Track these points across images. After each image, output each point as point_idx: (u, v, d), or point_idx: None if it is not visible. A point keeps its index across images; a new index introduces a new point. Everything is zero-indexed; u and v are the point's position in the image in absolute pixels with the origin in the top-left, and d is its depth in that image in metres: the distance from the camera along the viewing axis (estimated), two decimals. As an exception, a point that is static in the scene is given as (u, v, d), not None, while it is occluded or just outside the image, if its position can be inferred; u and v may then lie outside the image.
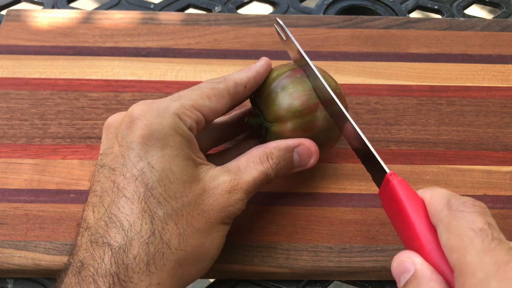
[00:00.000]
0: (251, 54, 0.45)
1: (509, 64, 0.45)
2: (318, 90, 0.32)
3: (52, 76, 0.43)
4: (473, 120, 0.41)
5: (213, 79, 0.32)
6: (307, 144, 0.32)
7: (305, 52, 0.34)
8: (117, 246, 0.25)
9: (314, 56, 0.45)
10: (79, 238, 0.27)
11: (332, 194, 0.36)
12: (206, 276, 0.34)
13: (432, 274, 0.23)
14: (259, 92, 0.34)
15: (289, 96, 0.32)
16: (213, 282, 0.34)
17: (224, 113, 0.32)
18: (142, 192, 0.26)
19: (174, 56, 0.45)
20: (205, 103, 0.30)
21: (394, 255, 0.33)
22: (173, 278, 0.26)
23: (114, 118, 0.30)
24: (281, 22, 0.35)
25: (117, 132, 0.29)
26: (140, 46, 0.46)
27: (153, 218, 0.26)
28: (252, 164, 0.30)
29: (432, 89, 0.43)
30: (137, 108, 0.29)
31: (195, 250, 0.27)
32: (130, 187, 0.26)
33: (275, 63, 0.44)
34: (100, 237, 0.26)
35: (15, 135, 0.39)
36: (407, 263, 0.24)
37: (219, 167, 0.29)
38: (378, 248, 0.34)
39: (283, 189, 0.36)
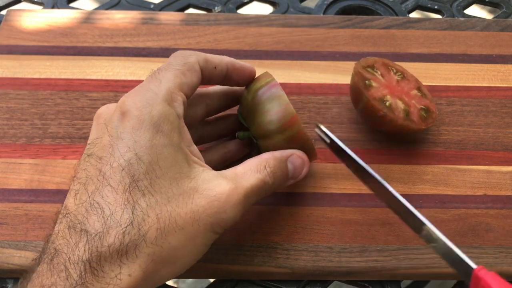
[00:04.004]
0: (251, 54, 0.45)
1: (509, 64, 0.45)
2: (381, 195, 0.32)
3: (52, 76, 0.43)
4: (473, 120, 0.41)
5: (183, 52, 0.32)
6: (299, 154, 0.33)
7: (305, 52, 0.34)
8: (94, 233, 0.25)
9: (314, 56, 0.45)
10: (56, 226, 0.26)
11: (332, 194, 0.36)
12: (206, 276, 0.34)
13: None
14: (242, 108, 0.34)
15: (266, 113, 0.32)
16: (213, 282, 0.34)
17: (198, 86, 0.31)
18: (128, 182, 0.26)
19: (174, 56, 0.45)
20: (182, 81, 0.30)
21: (394, 255, 0.33)
22: (145, 273, 0.25)
23: (105, 109, 0.30)
24: (323, 128, 0.34)
25: (108, 123, 0.28)
26: (140, 46, 0.46)
27: (135, 209, 0.26)
28: (250, 171, 0.30)
29: (432, 89, 0.43)
30: (128, 100, 0.28)
31: (172, 250, 0.26)
32: (116, 176, 0.26)
33: (275, 63, 0.45)
34: (79, 223, 0.25)
35: (15, 135, 0.39)
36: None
37: (214, 171, 0.29)
38: (378, 248, 0.34)
39: (283, 189, 0.36)
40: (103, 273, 0.24)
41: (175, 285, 0.80)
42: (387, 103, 0.36)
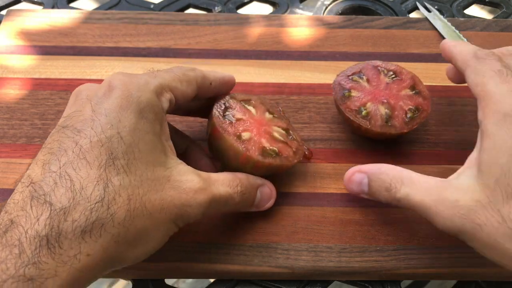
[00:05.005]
0: (251, 54, 0.45)
1: (509, 64, 0.45)
2: None
3: (52, 76, 0.43)
4: (473, 120, 0.41)
5: (184, 66, 0.33)
6: (270, 186, 0.34)
7: (305, 52, 0.34)
8: (59, 208, 0.24)
9: (314, 56, 0.45)
10: (16, 195, 0.25)
11: (331, 194, 0.36)
12: (206, 276, 0.34)
13: (378, 165, 0.32)
14: (208, 140, 0.34)
15: (223, 153, 0.32)
16: (213, 282, 0.34)
17: (191, 99, 0.32)
18: (105, 159, 0.26)
19: (174, 56, 0.45)
20: (177, 86, 0.31)
21: (394, 255, 0.33)
22: (105, 253, 0.25)
23: (87, 87, 0.30)
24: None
25: (91, 98, 0.28)
26: (140, 46, 0.46)
27: (107, 186, 0.25)
28: (222, 182, 0.30)
29: (432, 89, 0.43)
30: (117, 78, 0.29)
31: (137, 233, 0.26)
32: (93, 151, 0.26)
33: (275, 63, 0.45)
34: (43, 194, 0.24)
35: (15, 135, 0.39)
36: (356, 173, 0.33)
37: (190, 167, 0.29)
38: (378, 248, 0.34)
39: (283, 189, 0.36)
40: (60, 250, 0.23)
41: (175, 285, 0.80)
42: (364, 112, 0.37)
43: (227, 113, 0.34)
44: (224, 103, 0.34)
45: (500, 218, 0.26)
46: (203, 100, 0.34)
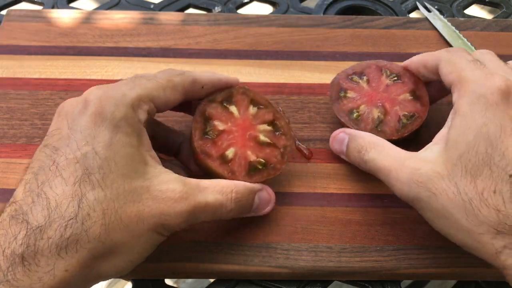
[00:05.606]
0: (251, 54, 0.45)
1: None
2: None
3: (52, 76, 0.43)
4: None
5: (172, 70, 0.32)
6: (269, 191, 0.33)
7: (305, 52, 0.34)
8: (35, 226, 0.24)
9: (314, 56, 0.45)
10: (3, 215, 0.26)
11: (331, 194, 0.36)
12: (206, 276, 0.34)
13: (361, 131, 0.35)
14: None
15: (210, 175, 0.32)
16: (213, 282, 0.34)
17: (177, 104, 0.32)
18: (80, 175, 0.26)
19: (174, 56, 0.45)
20: (159, 95, 0.30)
21: (394, 255, 0.33)
22: (83, 268, 0.25)
23: (68, 103, 0.30)
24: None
25: (68, 114, 0.29)
26: (140, 46, 0.46)
27: (82, 202, 0.25)
28: (213, 189, 0.30)
29: (432, 89, 0.42)
30: (93, 93, 0.29)
31: (115, 246, 0.26)
32: (69, 168, 0.26)
33: (275, 63, 0.45)
34: (22, 213, 0.25)
35: (15, 135, 0.39)
36: (341, 133, 0.36)
37: (175, 175, 0.29)
38: (378, 248, 0.34)
39: (283, 189, 0.36)
40: (37, 267, 0.24)
41: (175, 285, 0.80)
42: (355, 115, 0.36)
43: (207, 127, 0.33)
44: (203, 114, 0.33)
45: (456, 190, 0.27)
46: (207, 94, 0.34)
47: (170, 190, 0.28)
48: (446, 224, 0.28)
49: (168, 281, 0.34)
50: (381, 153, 0.32)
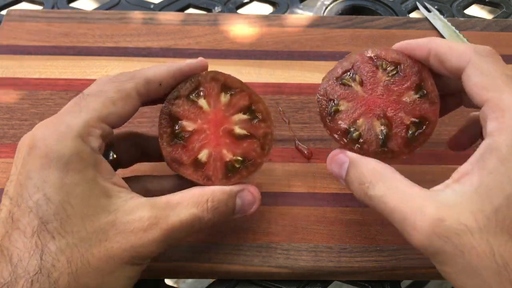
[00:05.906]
0: (251, 54, 0.45)
1: (509, 64, 0.45)
2: None
3: (52, 76, 0.43)
4: (473, 120, 0.41)
5: (120, 76, 0.29)
6: (251, 190, 0.31)
7: (305, 52, 0.34)
8: (2, 283, 0.23)
9: (314, 56, 0.45)
10: None
11: (332, 194, 0.36)
12: (206, 276, 0.34)
13: (362, 157, 0.29)
14: None
15: (187, 180, 0.31)
16: (213, 282, 0.34)
17: (133, 114, 0.29)
18: (36, 225, 0.24)
19: (174, 56, 0.45)
20: (110, 111, 0.28)
21: (394, 255, 0.33)
22: None
23: (21, 141, 0.27)
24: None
25: (18, 159, 0.27)
26: (140, 46, 0.46)
27: (44, 253, 0.24)
28: (186, 203, 0.27)
29: (432, 89, 0.42)
30: (37, 133, 0.26)
31: None
32: (24, 219, 0.25)
33: (275, 63, 0.45)
34: None
35: (15, 135, 0.39)
36: (341, 155, 0.29)
37: (143, 199, 0.27)
38: (378, 248, 0.34)
39: (283, 189, 0.36)
40: None
41: (175, 285, 0.80)
42: (354, 135, 0.30)
43: (176, 128, 0.30)
44: (168, 115, 0.30)
45: (488, 249, 0.23)
46: (169, 89, 0.31)
47: (137, 220, 0.26)
48: (471, 283, 0.24)
49: (168, 281, 0.34)
50: (391, 189, 0.26)
